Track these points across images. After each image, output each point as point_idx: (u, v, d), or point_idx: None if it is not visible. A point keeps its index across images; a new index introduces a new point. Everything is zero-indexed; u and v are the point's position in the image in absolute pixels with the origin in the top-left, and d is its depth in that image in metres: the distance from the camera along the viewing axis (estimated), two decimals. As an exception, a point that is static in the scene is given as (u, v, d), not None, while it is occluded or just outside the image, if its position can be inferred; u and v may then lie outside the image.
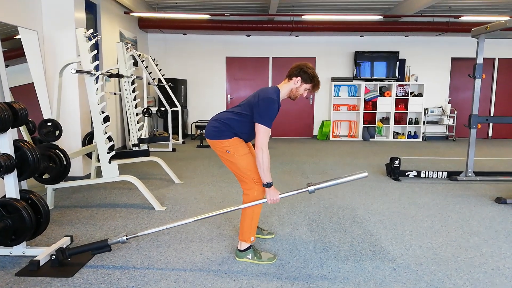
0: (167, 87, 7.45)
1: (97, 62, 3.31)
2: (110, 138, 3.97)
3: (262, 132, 2.25)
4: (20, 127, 3.56)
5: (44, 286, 2.10)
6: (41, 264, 2.30)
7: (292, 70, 2.40)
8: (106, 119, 3.46)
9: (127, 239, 2.35)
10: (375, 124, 8.80)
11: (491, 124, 9.07)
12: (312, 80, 2.38)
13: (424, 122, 8.79)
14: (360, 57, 8.63)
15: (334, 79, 8.75)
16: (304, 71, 2.36)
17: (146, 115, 6.56)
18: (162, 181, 4.54)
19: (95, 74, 3.26)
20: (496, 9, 7.63)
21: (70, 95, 4.48)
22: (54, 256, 2.30)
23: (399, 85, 8.75)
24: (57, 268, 2.29)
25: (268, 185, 2.29)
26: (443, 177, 4.72)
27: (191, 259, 2.44)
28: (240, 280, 2.18)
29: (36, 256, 2.35)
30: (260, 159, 2.24)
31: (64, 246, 2.36)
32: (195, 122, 8.51)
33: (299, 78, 2.37)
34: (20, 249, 2.43)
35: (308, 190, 2.28)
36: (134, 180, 3.47)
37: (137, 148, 5.02)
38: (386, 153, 6.74)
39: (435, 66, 8.96)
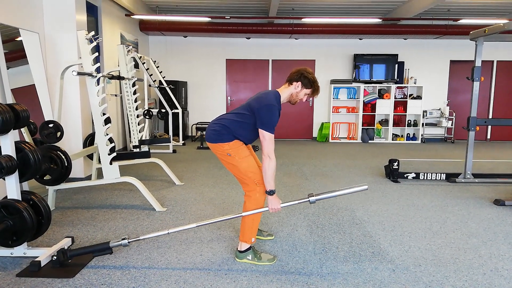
0: (167, 89, 7.47)
1: (98, 64, 3.33)
2: (111, 140, 3.99)
3: (268, 139, 2.26)
4: (21, 129, 3.59)
5: (45, 287, 2.10)
6: (42, 265, 2.31)
7: (292, 75, 2.41)
8: (107, 121, 3.48)
9: (128, 242, 2.35)
10: (374, 126, 8.83)
11: (489, 126, 9.11)
12: (312, 85, 2.41)
13: (422, 124, 8.82)
14: (359, 59, 8.66)
15: (333, 81, 8.78)
16: (305, 76, 2.38)
17: (147, 116, 6.58)
18: (162, 183, 4.55)
19: (96, 76, 3.28)
20: (494, 12, 7.67)
21: (72, 97, 4.50)
22: (55, 257, 2.31)
23: (398, 87, 8.78)
24: (58, 269, 2.29)
25: (271, 192, 2.30)
26: (441, 179, 4.74)
27: (192, 260, 2.46)
28: (240, 281, 2.19)
29: (37, 257, 2.36)
30: (266, 167, 2.25)
31: (66, 248, 2.37)
32: (196, 124, 8.54)
33: (299, 83, 2.39)
34: (21, 250, 2.44)
35: (309, 201, 2.30)
36: (135, 182, 3.49)
37: (138, 150, 5.03)
38: (385, 155, 6.76)
39: (434, 69, 8.99)
